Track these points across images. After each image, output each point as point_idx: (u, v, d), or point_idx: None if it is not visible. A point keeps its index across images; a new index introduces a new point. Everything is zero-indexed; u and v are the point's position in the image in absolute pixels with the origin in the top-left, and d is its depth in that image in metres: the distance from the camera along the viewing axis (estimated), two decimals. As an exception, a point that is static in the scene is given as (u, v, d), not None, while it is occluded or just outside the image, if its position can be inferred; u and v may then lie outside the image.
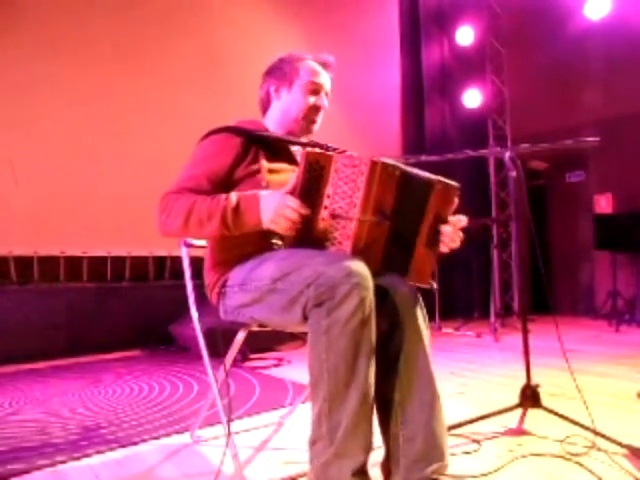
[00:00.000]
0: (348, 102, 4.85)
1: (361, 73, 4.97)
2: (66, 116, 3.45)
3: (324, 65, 1.51)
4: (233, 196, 1.20)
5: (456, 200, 1.25)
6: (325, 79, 1.49)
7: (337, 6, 4.88)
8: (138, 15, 3.76)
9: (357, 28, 5.00)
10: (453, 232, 1.23)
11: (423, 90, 5.41)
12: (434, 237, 1.22)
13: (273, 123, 1.49)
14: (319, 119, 1.50)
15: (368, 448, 1.07)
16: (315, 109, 1.46)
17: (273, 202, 1.13)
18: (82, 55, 3.51)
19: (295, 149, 1.45)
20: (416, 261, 1.21)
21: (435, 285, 1.24)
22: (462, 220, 1.25)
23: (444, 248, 1.25)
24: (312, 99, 1.46)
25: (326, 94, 1.50)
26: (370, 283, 1.07)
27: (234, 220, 1.18)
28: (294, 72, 1.47)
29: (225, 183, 1.33)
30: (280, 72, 1.49)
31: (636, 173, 4.93)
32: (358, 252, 1.12)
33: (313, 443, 1.07)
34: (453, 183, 1.23)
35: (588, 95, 5.00)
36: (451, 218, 1.24)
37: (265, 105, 1.53)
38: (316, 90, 1.46)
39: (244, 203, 1.18)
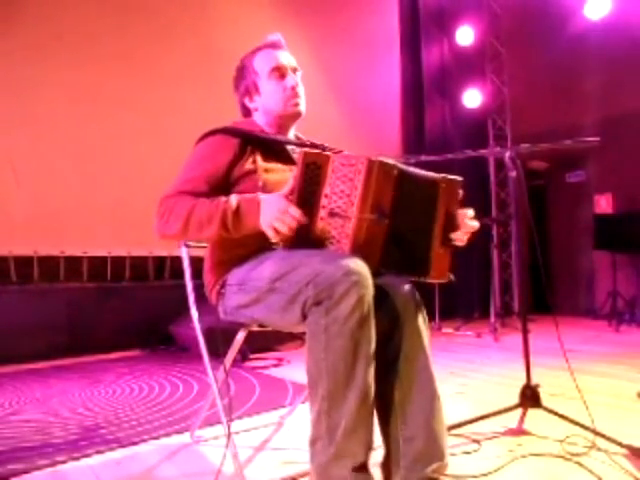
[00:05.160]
0: (348, 102, 4.86)
1: (361, 73, 4.97)
2: (66, 116, 3.45)
3: (274, 46, 1.46)
4: (233, 199, 1.19)
5: (461, 192, 1.27)
6: (283, 58, 1.45)
7: (337, 6, 4.88)
8: (137, 14, 3.76)
9: (357, 28, 5.00)
10: (466, 225, 1.25)
11: (423, 90, 5.40)
12: (448, 233, 1.24)
13: (264, 125, 1.48)
14: (301, 98, 1.45)
15: (369, 447, 1.07)
16: (290, 90, 1.42)
17: (273, 206, 1.13)
18: (82, 55, 3.51)
19: (291, 148, 1.44)
20: (435, 260, 1.23)
21: (453, 277, 1.25)
22: (469, 213, 1.27)
23: (460, 242, 1.26)
24: (282, 84, 1.42)
25: (294, 70, 1.46)
26: (369, 281, 1.07)
27: (234, 223, 1.18)
28: (252, 73, 1.45)
29: (222, 184, 1.32)
30: (242, 82, 1.48)
31: (636, 173, 4.93)
32: (357, 250, 1.12)
33: (313, 443, 1.07)
34: (456, 177, 1.25)
35: (588, 95, 4.99)
36: (459, 211, 1.26)
37: (247, 115, 1.52)
38: (280, 73, 1.43)
39: (245, 206, 1.18)
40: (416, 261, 1.23)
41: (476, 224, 1.27)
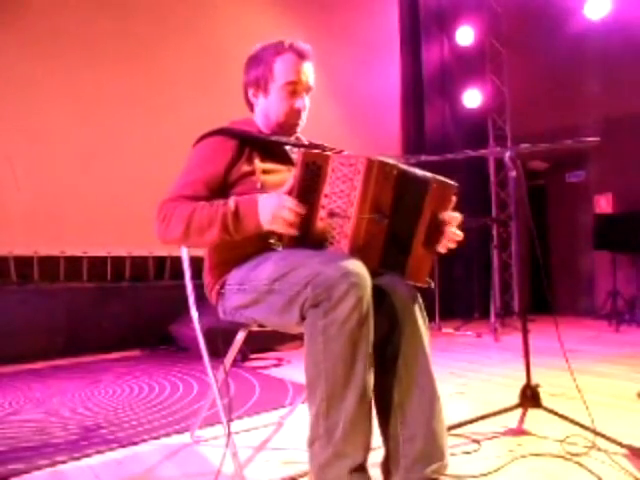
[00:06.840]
0: (348, 102, 4.86)
1: (361, 73, 4.97)
2: (66, 116, 3.45)
3: (301, 55, 1.38)
4: (231, 201, 1.19)
5: (454, 199, 1.24)
6: (304, 73, 1.38)
7: (337, 6, 4.88)
8: (139, 14, 3.76)
9: (357, 28, 5.00)
10: (451, 232, 1.22)
11: (423, 90, 5.41)
12: (432, 236, 1.22)
13: (260, 124, 1.47)
14: (302, 120, 1.43)
15: (367, 447, 1.07)
16: (296, 112, 1.40)
17: (271, 204, 1.13)
18: (83, 54, 3.51)
19: (290, 148, 1.44)
20: (413, 260, 1.21)
21: (432, 284, 1.23)
22: (457, 217, 1.24)
23: (442, 249, 1.24)
24: (290, 102, 1.38)
25: (307, 90, 1.41)
26: (368, 283, 1.07)
27: (235, 225, 1.17)
28: (268, 74, 1.39)
29: (222, 187, 1.32)
30: (254, 71, 1.42)
31: (636, 173, 4.93)
32: (356, 251, 1.11)
33: (311, 444, 1.07)
34: (450, 182, 1.23)
35: (588, 95, 4.99)
36: (446, 214, 1.23)
37: (249, 105, 1.51)
38: (294, 91, 1.38)
39: (243, 207, 1.18)
40: (395, 259, 1.19)
41: (460, 234, 1.23)
